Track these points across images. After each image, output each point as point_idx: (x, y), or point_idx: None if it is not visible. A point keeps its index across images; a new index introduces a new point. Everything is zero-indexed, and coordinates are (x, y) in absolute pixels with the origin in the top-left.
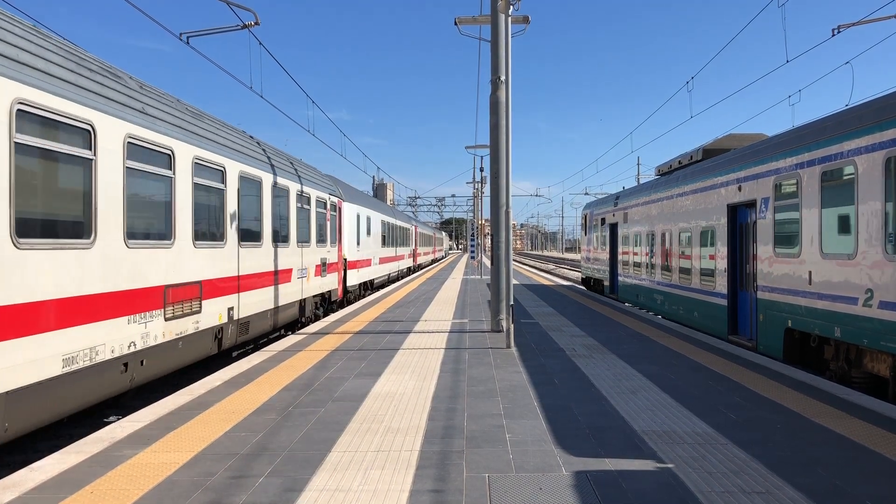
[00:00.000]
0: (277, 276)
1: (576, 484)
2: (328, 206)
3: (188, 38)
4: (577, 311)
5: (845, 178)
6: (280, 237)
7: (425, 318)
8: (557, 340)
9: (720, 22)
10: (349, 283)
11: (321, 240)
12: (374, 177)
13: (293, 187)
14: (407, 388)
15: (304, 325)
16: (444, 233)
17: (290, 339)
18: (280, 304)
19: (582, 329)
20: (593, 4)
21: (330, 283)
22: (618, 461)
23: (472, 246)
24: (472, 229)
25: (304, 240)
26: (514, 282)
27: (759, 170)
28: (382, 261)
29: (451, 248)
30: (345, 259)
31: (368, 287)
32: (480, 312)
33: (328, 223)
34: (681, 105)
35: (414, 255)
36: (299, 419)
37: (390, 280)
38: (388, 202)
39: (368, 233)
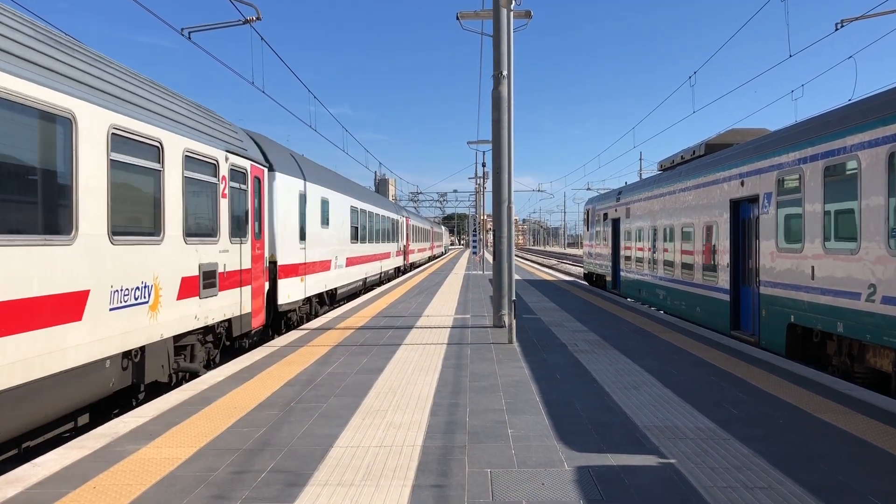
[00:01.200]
0: (24, 313)
1: (578, 479)
2: (224, 174)
3: (189, 33)
4: (579, 306)
5: (848, 172)
6: (30, 223)
7: (427, 313)
8: (559, 336)
9: (723, 17)
10: (286, 299)
11: (206, 231)
12: (375, 172)
13: (104, 119)
14: (409, 383)
15: (167, 390)
16: (444, 227)
17: (293, 335)
18: (41, 374)
19: (584, 324)
20: (595, 1)
21: (229, 305)
22: (620, 456)
23: (474, 241)
24: (474, 225)
25: (141, 230)
26: (516, 277)
27: (762, 165)
28: (353, 262)
29: (452, 244)
30: (273, 262)
31: (326, 300)
32: (482, 308)
33: (225, 202)
34: (683, 100)
35: (405, 252)
36: (301, 415)
37: (367, 286)
38: (390, 197)
39: (326, 222)
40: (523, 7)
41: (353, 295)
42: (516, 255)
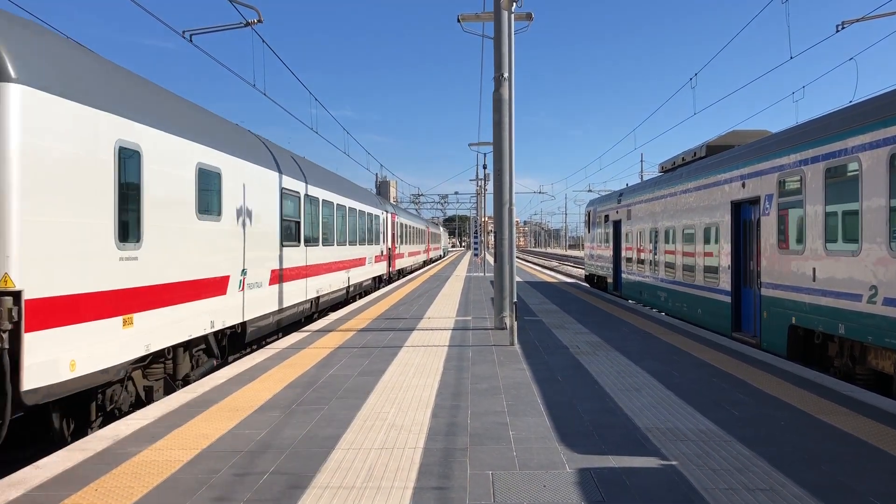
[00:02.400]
0: None
1: (580, 481)
2: None
3: (191, 35)
4: (580, 308)
5: (849, 174)
6: None
7: (429, 315)
8: (561, 338)
9: (723, 18)
10: (59, 373)
11: None
12: (377, 174)
13: None
14: (410, 385)
15: None
16: (442, 227)
17: (294, 337)
18: None
19: (585, 326)
20: (596, 2)
21: None
22: (622, 458)
23: (476, 243)
24: (475, 226)
25: None
26: (517, 279)
27: (763, 166)
28: (290, 275)
29: (453, 246)
30: (12, 294)
31: (216, 351)
32: (483, 310)
33: None
34: (684, 102)
35: (390, 256)
36: (303, 416)
37: (322, 308)
38: (392, 199)
39: (215, 211)
40: (524, 9)
41: (288, 328)
42: (517, 257)
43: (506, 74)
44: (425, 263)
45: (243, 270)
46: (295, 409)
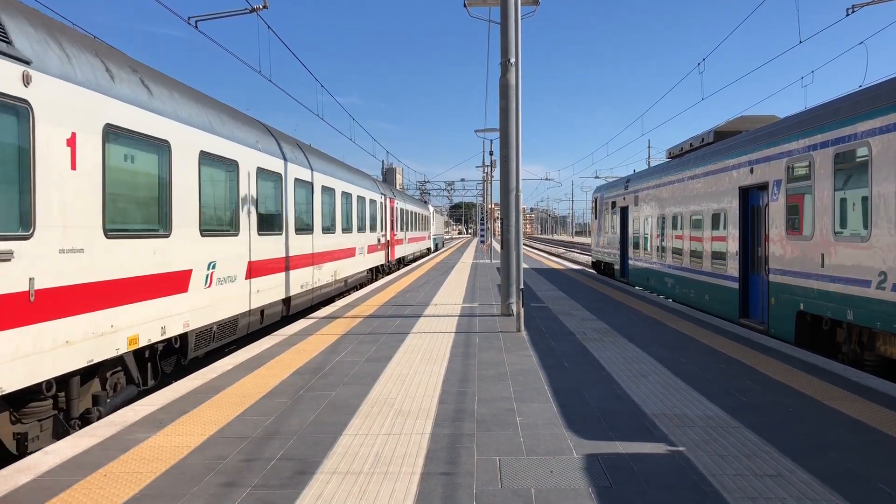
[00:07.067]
0: None
1: (587, 467)
2: None
3: (196, 21)
4: (587, 294)
5: (859, 159)
6: None
7: (435, 301)
8: (568, 324)
9: (732, 2)
10: None
11: None
12: (383, 161)
13: None
14: (417, 371)
15: None
16: (432, 207)
17: (301, 324)
18: None
19: (592, 313)
20: None
21: None
22: (629, 444)
23: (482, 230)
24: (482, 214)
25: None
26: (524, 266)
27: (771, 152)
28: None
29: (459, 233)
30: None
31: None
32: (490, 297)
33: None
34: (692, 87)
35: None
36: (310, 403)
37: None
38: (398, 186)
39: None
40: None
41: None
42: (524, 244)
43: (512, 60)
44: (386, 267)
45: None
46: (302, 396)
